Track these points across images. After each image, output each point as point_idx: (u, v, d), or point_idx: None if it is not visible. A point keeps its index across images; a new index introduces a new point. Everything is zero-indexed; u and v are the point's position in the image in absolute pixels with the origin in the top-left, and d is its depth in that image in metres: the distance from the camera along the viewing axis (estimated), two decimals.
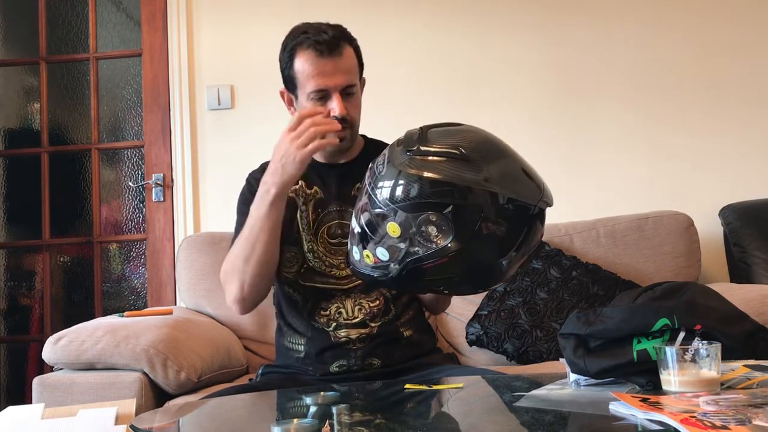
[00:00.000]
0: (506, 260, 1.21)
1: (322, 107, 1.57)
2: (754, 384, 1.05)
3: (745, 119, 2.80)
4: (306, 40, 1.57)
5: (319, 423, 0.98)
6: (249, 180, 1.74)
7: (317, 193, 1.68)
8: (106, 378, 1.90)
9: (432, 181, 1.16)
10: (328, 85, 1.56)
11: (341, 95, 1.57)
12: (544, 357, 2.20)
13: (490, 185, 1.16)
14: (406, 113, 2.87)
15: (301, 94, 1.61)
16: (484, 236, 1.16)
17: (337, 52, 1.56)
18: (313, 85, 1.56)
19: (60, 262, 3.26)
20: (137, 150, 3.16)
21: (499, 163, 1.20)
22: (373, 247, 1.23)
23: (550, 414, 1.06)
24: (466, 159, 1.17)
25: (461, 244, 1.16)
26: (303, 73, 1.58)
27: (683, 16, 2.85)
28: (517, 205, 1.17)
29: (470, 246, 1.17)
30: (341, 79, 1.57)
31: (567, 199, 2.78)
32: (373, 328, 1.61)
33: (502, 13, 2.92)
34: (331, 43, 1.56)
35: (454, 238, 1.16)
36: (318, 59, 1.56)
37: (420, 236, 1.17)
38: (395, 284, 1.28)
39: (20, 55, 3.41)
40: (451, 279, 1.22)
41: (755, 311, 1.81)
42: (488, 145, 1.24)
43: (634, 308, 1.17)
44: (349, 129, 1.62)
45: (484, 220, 1.15)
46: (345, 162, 1.70)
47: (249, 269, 1.56)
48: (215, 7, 3.02)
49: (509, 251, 1.20)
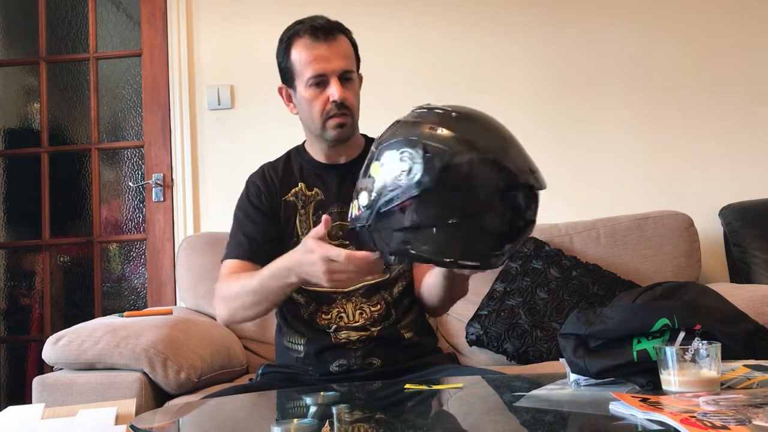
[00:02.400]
0: (489, 235, 1.15)
1: (320, 93, 1.57)
2: (754, 384, 1.05)
3: (745, 119, 2.80)
4: (301, 28, 1.58)
5: (319, 423, 0.98)
6: (248, 185, 1.72)
7: (318, 195, 1.67)
8: (106, 378, 1.90)
9: (409, 124, 1.19)
10: (326, 69, 1.56)
11: (339, 80, 1.57)
12: (544, 357, 2.20)
13: (471, 140, 1.14)
14: (405, 113, 2.87)
15: (299, 83, 1.60)
16: (455, 185, 1.12)
17: (332, 37, 1.57)
18: (311, 70, 1.56)
19: (60, 262, 3.26)
20: (137, 150, 3.16)
21: (493, 133, 1.19)
22: (356, 194, 1.23)
23: (550, 414, 1.06)
24: (461, 118, 1.17)
25: (429, 184, 1.12)
26: (300, 61, 1.58)
27: (683, 16, 2.85)
28: (500, 168, 1.13)
29: (438, 190, 1.12)
30: (339, 63, 1.57)
31: (567, 199, 2.79)
32: (374, 332, 1.61)
33: (502, 13, 2.92)
34: (327, 28, 1.57)
35: (423, 175, 1.12)
36: (314, 44, 1.56)
37: (394, 177, 1.15)
38: (370, 237, 1.22)
39: (20, 55, 3.41)
40: (429, 234, 1.14)
41: (755, 311, 1.81)
42: (487, 122, 1.21)
43: (634, 308, 1.17)
44: (350, 117, 1.61)
45: (455, 167, 1.12)
46: (345, 162, 1.69)
47: (245, 314, 1.58)
48: (215, 7, 3.02)
49: (486, 216, 1.14)
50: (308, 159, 1.71)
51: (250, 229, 1.65)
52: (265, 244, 1.63)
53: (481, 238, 1.16)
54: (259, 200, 1.68)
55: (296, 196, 1.67)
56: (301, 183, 1.68)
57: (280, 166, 1.72)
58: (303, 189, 1.67)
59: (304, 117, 1.65)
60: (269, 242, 1.64)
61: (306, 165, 1.70)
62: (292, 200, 1.66)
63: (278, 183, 1.68)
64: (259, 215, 1.66)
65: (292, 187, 1.68)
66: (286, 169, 1.71)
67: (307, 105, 1.60)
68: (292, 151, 1.75)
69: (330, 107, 1.58)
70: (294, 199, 1.67)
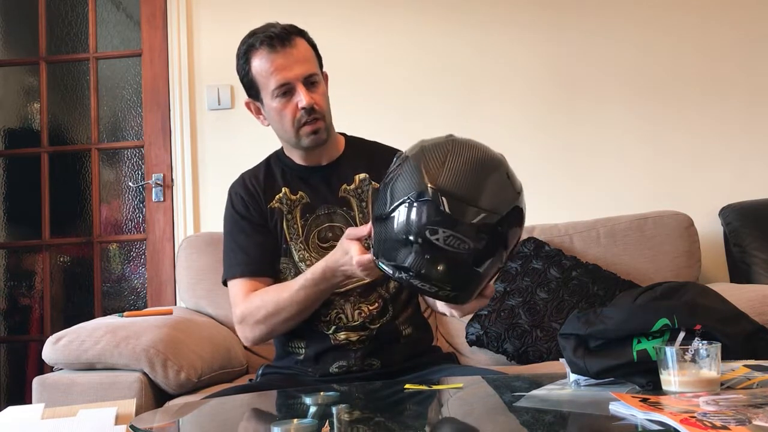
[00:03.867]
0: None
1: (288, 102, 1.56)
2: (754, 384, 1.05)
3: (745, 119, 2.80)
4: (256, 40, 1.56)
5: (319, 423, 0.98)
6: (232, 196, 1.70)
7: (303, 198, 1.65)
8: (106, 378, 1.90)
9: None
10: (289, 77, 1.55)
11: (304, 85, 1.56)
12: (544, 357, 2.20)
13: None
14: (405, 114, 2.87)
15: (265, 95, 1.58)
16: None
17: (289, 44, 1.55)
18: (275, 81, 1.55)
19: (60, 262, 3.26)
20: (137, 150, 3.16)
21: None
22: None
23: (550, 414, 1.06)
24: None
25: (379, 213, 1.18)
26: (261, 73, 1.56)
27: (683, 16, 2.85)
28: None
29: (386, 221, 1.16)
30: (300, 68, 1.55)
31: (567, 199, 2.79)
32: (373, 330, 1.61)
33: (502, 14, 2.91)
34: (282, 36, 1.55)
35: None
36: (272, 54, 1.55)
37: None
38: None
39: (20, 55, 3.41)
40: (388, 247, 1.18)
41: (755, 311, 1.81)
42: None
43: (634, 308, 1.17)
44: (322, 120, 1.59)
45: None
46: (328, 163, 1.68)
47: (286, 326, 1.57)
48: (215, 7, 3.02)
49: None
50: (289, 164, 1.69)
51: (246, 242, 1.64)
52: (266, 255, 1.63)
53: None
54: (246, 210, 1.66)
55: (281, 202, 1.65)
56: (284, 188, 1.66)
57: (260, 173, 1.70)
58: (287, 193, 1.66)
59: (277, 128, 1.64)
60: (268, 252, 1.63)
61: (288, 170, 1.69)
62: (278, 206, 1.65)
63: (261, 191, 1.66)
64: (250, 226, 1.65)
65: (276, 194, 1.66)
66: (267, 175, 1.69)
67: (277, 115, 1.59)
68: (271, 157, 1.74)
69: (300, 114, 1.56)
70: (279, 205, 1.65)
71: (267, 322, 1.56)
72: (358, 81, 2.85)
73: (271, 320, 1.55)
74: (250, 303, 1.57)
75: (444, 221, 1.11)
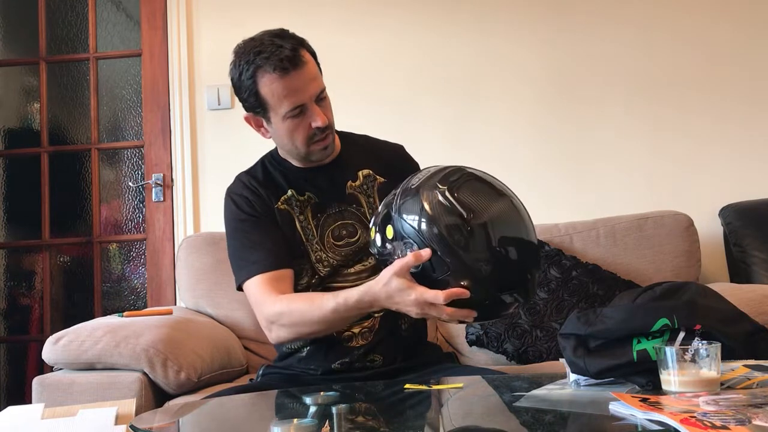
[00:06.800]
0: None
1: (301, 121, 1.54)
2: (754, 384, 1.05)
3: (745, 120, 2.80)
4: (265, 61, 1.50)
5: (319, 423, 0.98)
6: (233, 198, 1.66)
7: (311, 199, 1.64)
8: (106, 378, 1.90)
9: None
10: (303, 99, 1.52)
11: (315, 102, 1.54)
12: (544, 357, 2.20)
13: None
14: (405, 115, 2.87)
15: (274, 116, 1.56)
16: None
17: (300, 64, 1.51)
18: (289, 104, 1.52)
19: (60, 262, 3.26)
20: (137, 150, 3.16)
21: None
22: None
23: (550, 414, 1.06)
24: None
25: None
26: (273, 96, 1.52)
27: (683, 16, 2.85)
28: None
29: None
30: (313, 88, 1.53)
31: (567, 199, 2.79)
32: (377, 319, 1.61)
33: (502, 15, 2.91)
34: (293, 58, 1.50)
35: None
36: (285, 77, 1.50)
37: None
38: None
39: (20, 55, 3.41)
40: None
41: (755, 311, 1.81)
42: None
43: (634, 308, 1.17)
44: (332, 133, 1.60)
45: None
46: (329, 162, 1.67)
47: (314, 334, 1.55)
48: (215, 7, 3.02)
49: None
50: (289, 166, 1.68)
51: (261, 238, 1.59)
52: (283, 247, 1.59)
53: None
54: (252, 209, 1.63)
55: (288, 204, 1.64)
56: (290, 190, 1.64)
57: (258, 174, 1.68)
58: (294, 195, 1.64)
59: (284, 143, 1.62)
60: (285, 245, 1.60)
61: (290, 172, 1.67)
62: (285, 208, 1.63)
63: (264, 192, 1.64)
64: (262, 223, 1.61)
65: (281, 195, 1.64)
66: (266, 177, 1.67)
67: (288, 134, 1.57)
68: (266, 159, 1.72)
69: (313, 132, 1.56)
70: (287, 206, 1.64)
71: (295, 328, 1.52)
72: (358, 81, 2.85)
73: (300, 329, 1.52)
74: (282, 304, 1.52)
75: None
